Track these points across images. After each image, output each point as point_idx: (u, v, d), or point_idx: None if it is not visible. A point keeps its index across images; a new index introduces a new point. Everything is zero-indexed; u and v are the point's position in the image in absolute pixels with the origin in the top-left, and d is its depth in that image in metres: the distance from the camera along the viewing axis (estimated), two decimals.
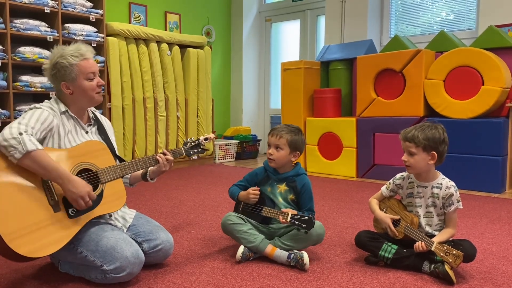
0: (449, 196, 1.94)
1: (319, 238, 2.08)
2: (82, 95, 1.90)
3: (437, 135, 1.92)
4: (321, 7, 6.06)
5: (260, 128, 6.91)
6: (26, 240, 1.56)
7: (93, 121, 2.02)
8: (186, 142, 2.16)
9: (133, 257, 1.74)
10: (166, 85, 5.15)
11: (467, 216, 2.95)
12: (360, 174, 4.57)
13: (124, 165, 1.90)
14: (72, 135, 1.88)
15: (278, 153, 2.11)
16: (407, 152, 1.96)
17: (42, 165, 1.63)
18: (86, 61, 1.89)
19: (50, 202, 1.67)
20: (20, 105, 4.06)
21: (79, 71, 1.87)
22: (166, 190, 3.83)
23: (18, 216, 1.57)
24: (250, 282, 1.83)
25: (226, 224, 2.13)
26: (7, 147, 1.58)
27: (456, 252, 1.78)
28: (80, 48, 1.90)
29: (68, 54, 1.86)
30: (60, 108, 1.88)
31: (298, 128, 2.17)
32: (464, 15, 4.93)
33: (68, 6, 4.29)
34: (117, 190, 1.88)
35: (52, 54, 1.90)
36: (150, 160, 1.98)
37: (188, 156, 2.14)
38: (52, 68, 1.88)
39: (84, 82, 1.88)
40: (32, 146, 1.60)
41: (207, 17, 6.40)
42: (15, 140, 1.59)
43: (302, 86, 4.87)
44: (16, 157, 1.58)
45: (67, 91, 1.88)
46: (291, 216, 1.99)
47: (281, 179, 2.16)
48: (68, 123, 1.89)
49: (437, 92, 4.00)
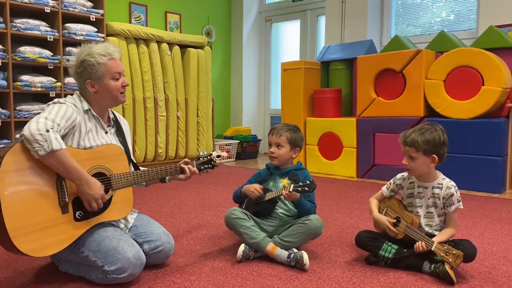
0: (449, 196, 1.94)
1: (317, 231, 2.09)
2: (106, 94, 1.89)
3: (437, 138, 1.92)
4: (321, 7, 6.06)
5: (260, 128, 6.92)
6: (30, 238, 1.57)
7: (113, 122, 2.02)
8: (199, 156, 2.16)
9: (135, 258, 1.75)
10: (166, 85, 5.15)
11: (467, 216, 2.95)
12: (360, 174, 4.57)
13: (138, 174, 1.91)
14: (92, 134, 1.87)
15: (280, 150, 2.20)
16: (408, 156, 1.96)
17: (65, 165, 1.63)
18: (114, 61, 1.89)
19: (60, 203, 1.67)
20: (20, 105, 4.06)
21: (106, 70, 1.86)
22: (166, 190, 3.83)
23: (27, 214, 1.57)
24: (250, 282, 1.83)
25: (229, 218, 2.15)
26: (32, 142, 1.57)
27: (456, 252, 1.78)
28: (108, 47, 1.89)
29: (96, 52, 1.85)
30: (83, 106, 1.87)
31: (296, 126, 2.29)
32: (464, 15, 4.93)
33: (68, 6, 4.29)
34: (125, 198, 1.89)
35: (79, 52, 1.89)
36: (162, 171, 1.99)
37: (199, 171, 2.14)
38: (78, 66, 1.87)
39: (109, 82, 1.88)
40: (58, 146, 1.59)
41: (207, 17, 6.40)
42: (42, 137, 1.57)
43: (302, 86, 4.87)
44: (40, 154, 1.57)
45: (91, 90, 1.87)
46: (293, 186, 2.03)
47: (284, 173, 2.24)
48: (90, 122, 1.88)
49: (437, 92, 4.00)
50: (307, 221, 2.06)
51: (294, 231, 2.07)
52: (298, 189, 2.02)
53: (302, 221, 2.07)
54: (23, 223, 1.56)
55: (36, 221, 1.59)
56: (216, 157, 2.16)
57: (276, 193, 2.12)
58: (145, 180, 1.94)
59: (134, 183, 1.91)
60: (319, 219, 2.09)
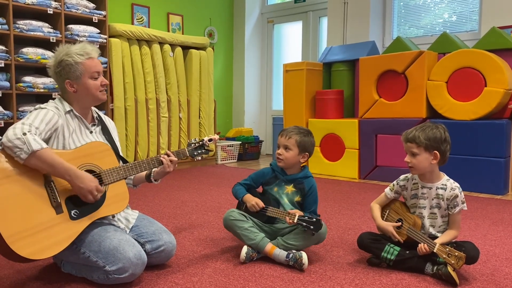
0: (453, 197, 1.94)
1: (321, 237, 2.08)
2: (85, 93, 1.89)
3: (438, 135, 1.92)
4: (324, 9, 6.06)
5: (262, 129, 6.92)
6: (27, 242, 1.56)
7: (97, 121, 2.02)
8: (190, 143, 2.15)
9: (136, 258, 1.74)
10: (169, 86, 5.15)
11: (469, 217, 2.95)
12: (362, 176, 4.57)
13: (127, 167, 1.89)
14: (76, 135, 1.87)
15: (287, 153, 2.14)
16: (410, 153, 1.96)
17: (49, 163, 1.63)
18: (91, 60, 1.89)
19: (52, 204, 1.67)
20: (23, 106, 4.07)
21: (84, 69, 1.86)
22: (168, 191, 3.83)
23: (20, 218, 1.57)
24: (252, 283, 1.83)
25: (227, 219, 2.14)
26: (12, 148, 1.58)
27: (459, 253, 1.78)
28: (86, 47, 1.90)
29: (74, 52, 1.86)
30: (64, 108, 1.88)
31: (308, 130, 2.21)
32: (466, 16, 4.92)
33: (71, 7, 4.30)
34: (120, 191, 1.88)
35: (57, 52, 1.90)
36: (153, 161, 1.98)
37: (192, 157, 2.14)
38: (57, 66, 1.88)
39: (88, 81, 1.88)
40: (37, 146, 1.60)
41: (209, 19, 6.41)
42: (20, 141, 1.58)
43: (304, 87, 4.87)
44: (22, 157, 1.59)
45: (70, 89, 1.88)
46: (298, 217, 1.99)
47: (290, 180, 2.18)
48: (73, 122, 1.89)
49: (440, 94, 3.99)
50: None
51: (298, 235, 2.06)
52: (303, 224, 1.98)
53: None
54: (18, 228, 1.56)
55: (31, 225, 1.59)
56: (208, 141, 2.14)
57: (280, 214, 2.07)
58: (136, 172, 1.92)
59: (126, 176, 1.89)
60: (324, 225, 2.07)
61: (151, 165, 1.97)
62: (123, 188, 1.90)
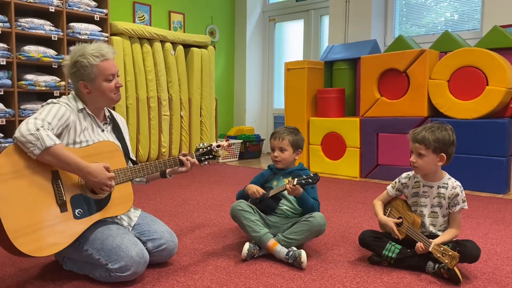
0: (454, 196, 1.94)
1: (321, 229, 2.10)
2: (99, 95, 1.88)
3: (447, 137, 1.91)
4: (325, 7, 6.06)
5: (263, 128, 6.92)
6: (30, 239, 1.57)
7: (109, 120, 2.02)
8: (198, 148, 2.16)
9: (138, 256, 1.75)
10: (170, 84, 5.16)
11: (471, 216, 2.95)
12: (363, 174, 4.57)
13: (135, 169, 1.90)
14: (88, 132, 1.87)
15: (283, 154, 2.25)
16: (416, 153, 1.95)
17: (62, 159, 1.64)
18: (107, 62, 1.87)
19: (58, 202, 1.67)
20: (25, 104, 4.08)
21: (99, 72, 1.85)
22: (169, 189, 3.84)
23: (25, 214, 1.58)
24: (253, 281, 1.83)
25: (235, 209, 2.17)
26: (25, 143, 1.58)
27: (453, 253, 1.78)
28: (102, 48, 1.87)
29: (89, 53, 1.83)
30: (77, 106, 1.87)
31: (296, 128, 2.33)
32: (468, 15, 4.92)
33: (72, 5, 4.31)
34: (125, 193, 1.89)
35: (72, 52, 1.88)
36: (161, 164, 1.99)
37: (199, 162, 2.14)
38: (72, 66, 1.86)
39: (102, 83, 1.86)
40: (50, 142, 1.60)
41: (211, 17, 6.41)
42: (33, 136, 1.58)
43: (305, 86, 4.87)
44: (35, 153, 1.59)
45: (84, 90, 1.87)
46: (297, 180, 2.06)
47: (287, 173, 2.27)
48: (85, 121, 1.88)
49: (441, 93, 3.99)
50: (311, 218, 2.07)
51: (298, 228, 2.09)
52: (302, 182, 2.05)
53: (306, 219, 2.09)
54: (22, 224, 1.56)
55: (35, 221, 1.59)
56: (216, 147, 2.16)
57: (280, 188, 2.14)
58: (143, 174, 1.93)
59: (132, 178, 1.90)
60: (323, 217, 2.10)
61: (158, 168, 1.99)
62: (128, 190, 1.91)
